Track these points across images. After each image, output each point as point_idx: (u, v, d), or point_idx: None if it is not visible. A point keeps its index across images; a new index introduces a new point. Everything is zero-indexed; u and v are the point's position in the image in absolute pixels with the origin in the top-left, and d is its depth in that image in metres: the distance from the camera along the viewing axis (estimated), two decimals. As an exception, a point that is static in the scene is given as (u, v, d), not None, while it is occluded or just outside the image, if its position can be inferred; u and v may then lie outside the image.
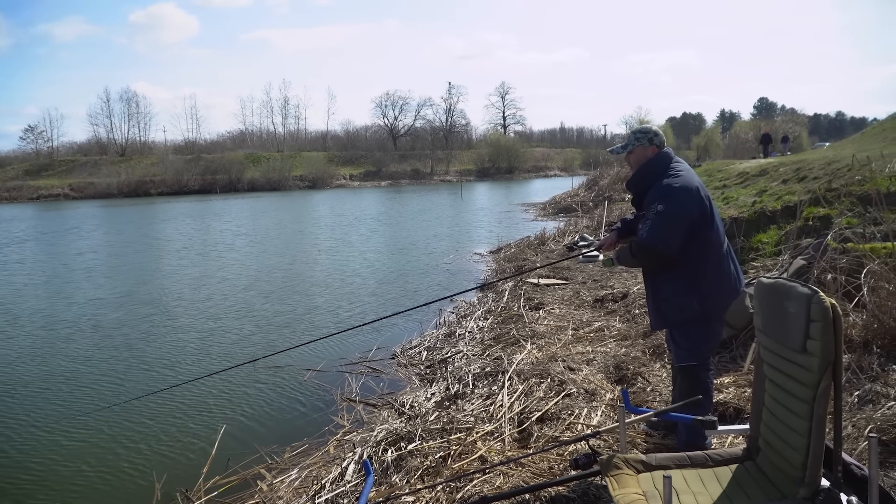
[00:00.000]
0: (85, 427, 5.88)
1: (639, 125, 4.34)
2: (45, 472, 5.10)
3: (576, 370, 5.74)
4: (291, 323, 9.42)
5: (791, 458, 2.46)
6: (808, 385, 2.35)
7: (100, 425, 5.89)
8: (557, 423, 4.69)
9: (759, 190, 11.69)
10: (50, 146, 77.32)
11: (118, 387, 6.95)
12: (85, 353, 8.18)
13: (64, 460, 5.27)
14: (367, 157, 79.82)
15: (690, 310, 3.76)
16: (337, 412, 5.86)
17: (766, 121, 69.04)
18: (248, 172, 67.22)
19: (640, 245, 3.77)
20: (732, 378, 5.08)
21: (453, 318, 8.86)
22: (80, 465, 5.16)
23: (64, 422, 6.01)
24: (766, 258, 7.33)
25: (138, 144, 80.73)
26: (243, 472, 4.76)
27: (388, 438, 4.65)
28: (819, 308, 2.28)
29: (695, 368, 3.85)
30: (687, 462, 2.89)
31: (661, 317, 3.95)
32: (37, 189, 60.00)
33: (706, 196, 3.81)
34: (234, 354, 7.87)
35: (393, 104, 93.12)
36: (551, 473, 3.92)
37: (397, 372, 6.89)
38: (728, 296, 3.88)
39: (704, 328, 3.84)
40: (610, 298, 8.48)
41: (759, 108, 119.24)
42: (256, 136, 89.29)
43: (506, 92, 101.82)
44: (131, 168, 66.26)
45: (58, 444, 5.55)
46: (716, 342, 4.06)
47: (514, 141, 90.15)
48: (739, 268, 4.01)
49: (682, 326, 3.88)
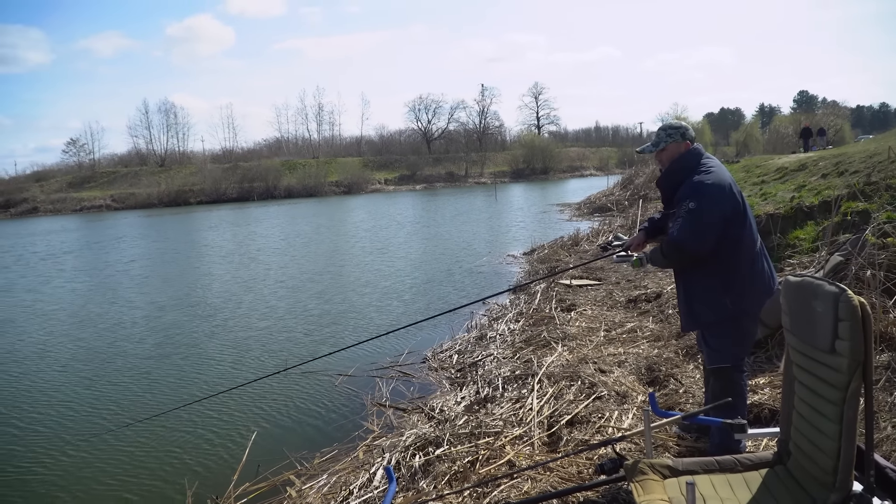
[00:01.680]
0: (120, 435, 5.98)
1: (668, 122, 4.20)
2: (80, 477, 5.21)
3: (607, 372, 5.65)
4: (326, 328, 9.48)
5: (822, 462, 2.38)
6: (838, 386, 2.27)
7: (134, 433, 5.98)
8: (587, 427, 4.62)
9: (798, 185, 11.42)
10: (92, 158, 79.07)
11: (155, 396, 7.07)
12: (127, 363, 8.33)
13: (99, 466, 5.37)
14: (402, 162, 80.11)
15: (723, 310, 3.66)
16: (367, 417, 5.87)
17: (807, 114, 67.46)
18: (285, 179, 67.97)
19: (670, 244, 3.67)
20: (768, 379, 4.95)
21: (485, 321, 8.82)
22: (115, 471, 5.26)
23: (100, 429, 6.13)
24: (802, 255, 7.15)
25: (177, 154, 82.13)
26: (273, 478, 4.79)
27: (417, 443, 4.63)
28: (847, 307, 2.20)
29: (727, 370, 3.75)
30: (715, 467, 2.81)
31: (693, 317, 3.86)
32: (80, 201, 61.43)
33: (738, 193, 3.69)
34: (268, 362, 7.95)
35: (426, 108, 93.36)
36: (580, 478, 3.86)
37: (428, 376, 6.88)
38: (762, 295, 3.75)
39: (737, 329, 3.73)
40: (643, 299, 8.36)
41: (799, 102, 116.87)
42: (292, 144, 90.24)
43: (539, 92, 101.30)
44: (170, 178, 67.42)
45: (93, 451, 5.67)
46: (750, 343, 3.93)
47: (548, 141, 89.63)
48: (773, 266, 3.89)
49: (714, 327, 3.78)
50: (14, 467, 5.46)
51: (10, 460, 5.59)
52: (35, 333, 10.25)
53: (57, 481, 5.17)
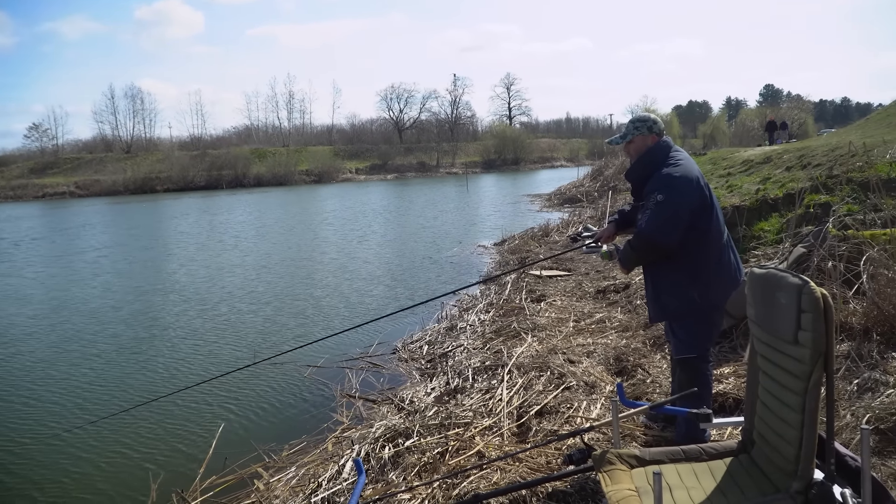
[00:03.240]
0: (83, 430, 5.86)
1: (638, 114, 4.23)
2: (43, 473, 5.10)
3: (576, 363, 5.70)
4: (295, 320, 9.41)
5: (784, 450, 2.42)
6: (801, 376, 2.31)
7: (98, 428, 5.86)
8: (556, 417, 4.66)
9: (763, 177, 11.60)
10: (55, 144, 77.21)
11: (119, 390, 6.95)
12: (89, 357, 8.18)
13: (61, 461, 5.27)
14: (373, 151, 79.77)
15: (690, 301, 3.70)
16: (336, 409, 5.85)
17: (772, 108, 68.44)
18: (254, 168, 67.26)
19: (639, 236, 3.70)
20: (732, 368, 5.04)
21: (455, 312, 8.83)
22: (77, 468, 5.17)
23: (62, 424, 6.02)
24: (767, 246, 7.27)
25: (144, 141, 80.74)
26: (240, 471, 4.75)
27: (386, 435, 4.62)
28: (810, 298, 2.24)
29: (694, 361, 3.80)
30: (681, 456, 2.85)
31: (660, 308, 3.90)
32: (42, 187, 60.13)
33: (706, 185, 3.74)
34: (236, 354, 7.88)
35: (398, 97, 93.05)
36: (549, 468, 3.90)
37: (398, 367, 6.87)
38: (728, 287, 3.82)
39: (704, 320, 3.79)
40: (612, 289, 8.44)
41: (764, 96, 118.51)
42: (262, 132, 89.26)
43: (511, 83, 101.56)
44: (137, 165, 66.27)
45: (55, 446, 5.56)
46: (715, 334, 4.01)
47: (519, 132, 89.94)
48: (739, 258, 3.96)
49: (681, 318, 3.83)
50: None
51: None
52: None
53: (16, 479, 5.06)
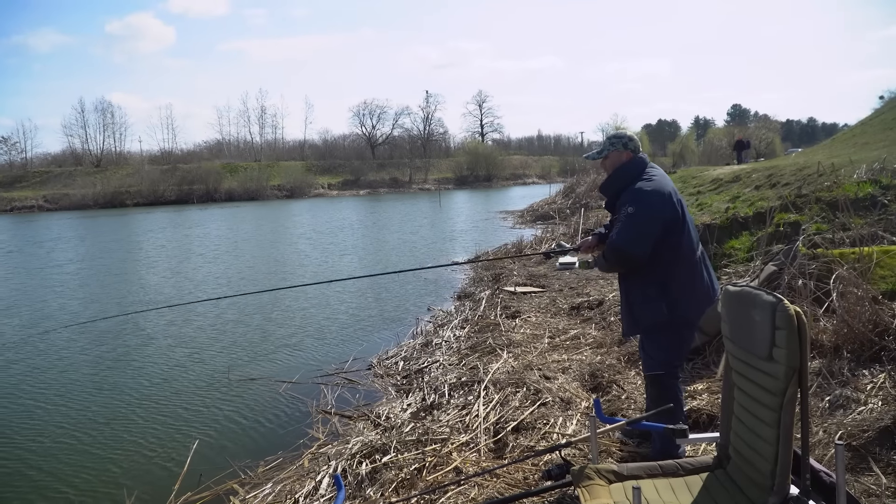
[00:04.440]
0: (55, 446, 5.77)
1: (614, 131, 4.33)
2: (13, 489, 4.99)
3: (551, 379, 5.73)
4: (268, 335, 9.34)
5: (760, 466, 2.47)
6: (775, 392, 2.36)
7: (69, 444, 5.78)
8: (533, 433, 4.68)
9: (733, 196, 11.82)
10: (24, 157, 75.96)
11: (90, 406, 6.83)
12: (59, 371, 8.03)
13: (32, 480, 5.15)
14: (346, 166, 79.62)
15: (659, 315, 3.75)
16: (312, 425, 5.81)
17: (740, 127, 69.84)
18: (226, 182, 66.66)
19: (610, 247, 3.80)
20: (706, 385, 5.10)
21: (430, 328, 8.83)
22: (49, 483, 5.06)
23: (31, 440, 5.90)
24: (738, 264, 7.40)
25: (114, 155, 79.60)
26: (216, 487, 4.69)
27: (363, 451, 4.61)
28: (784, 316, 2.29)
29: (662, 378, 3.86)
30: (658, 471, 2.89)
31: (633, 321, 3.95)
32: (10, 201, 59.01)
33: (679, 201, 3.83)
34: (210, 369, 7.79)
35: (370, 113, 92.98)
36: (526, 484, 3.91)
37: (374, 383, 6.84)
38: (700, 304, 3.87)
39: (673, 336, 3.84)
40: (586, 306, 8.50)
41: (732, 115, 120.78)
42: (233, 146, 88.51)
43: (483, 100, 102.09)
44: (106, 179, 65.36)
45: (25, 464, 5.43)
46: (685, 351, 4.06)
47: (491, 149, 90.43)
48: (714, 276, 4.01)
49: (651, 332, 3.88)
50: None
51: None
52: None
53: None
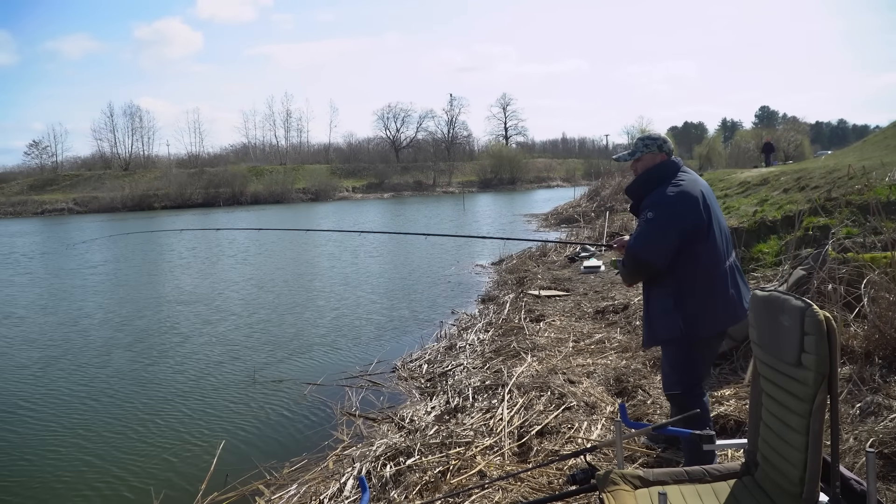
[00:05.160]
0: (84, 445, 5.86)
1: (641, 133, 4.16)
2: (43, 490, 5.07)
3: (576, 383, 5.71)
4: (294, 337, 9.41)
5: (789, 473, 2.44)
6: (804, 399, 2.33)
7: (99, 443, 5.87)
8: (557, 437, 4.67)
9: (761, 199, 11.67)
10: (54, 161, 77.59)
11: (120, 405, 6.93)
12: (90, 371, 8.16)
13: (61, 480, 5.23)
14: (370, 170, 79.99)
15: (675, 330, 3.54)
16: (336, 427, 5.84)
17: (768, 129, 69.11)
18: (251, 185, 67.35)
19: (627, 252, 3.62)
20: (733, 390, 5.05)
21: (454, 331, 8.84)
22: (78, 484, 5.14)
23: (61, 442, 5.99)
24: (766, 268, 7.31)
25: (142, 159, 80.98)
26: (241, 488, 4.74)
27: (387, 453, 4.63)
28: (813, 321, 2.26)
29: (679, 397, 3.66)
30: (685, 477, 2.86)
31: (651, 333, 3.74)
32: (41, 204, 60.20)
33: (708, 207, 3.55)
34: (237, 370, 7.87)
35: (395, 116, 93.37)
36: (550, 488, 3.90)
37: (398, 385, 6.87)
38: (721, 321, 3.61)
39: (690, 352, 3.60)
40: (611, 310, 8.45)
41: (760, 117, 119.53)
42: (259, 150, 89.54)
43: (507, 103, 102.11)
44: (135, 182, 66.43)
45: (55, 464, 5.52)
46: (704, 368, 3.75)
47: (516, 152, 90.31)
48: (746, 291, 3.66)
49: (668, 348, 3.71)
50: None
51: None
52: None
53: (14, 496, 5.03)
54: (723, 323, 3.63)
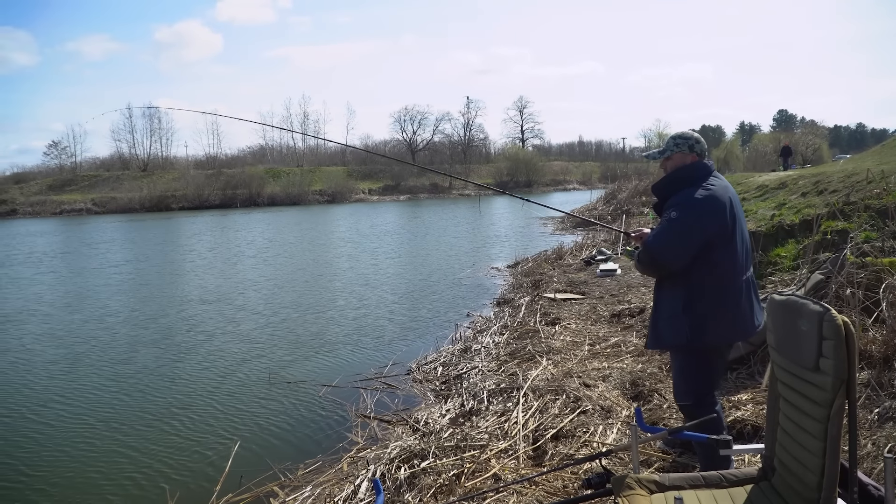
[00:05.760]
0: (99, 444, 5.92)
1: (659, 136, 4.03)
2: (60, 488, 5.13)
3: (591, 386, 5.69)
4: (310, 338, 9.45)
5: (806, 478, 2.42)
6: (822, 404, 2.31)
7: (114, 442, 5.93)
8: (572, 441, 4.65)
9: (779, 203, 11.57)
10: (73, 161, 78.20)
11: (136, 405, 6.99)
12: (107, 371, 8.24)
13: (78, 477, 5.30)
14: (386, 172, 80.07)
15: (681, 336, 3.45)
16: (351, 428, 5.86)
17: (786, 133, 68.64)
18: (269, 187, 67.70)
19: (645, 249, 3.52)
20: (750, 395, 5.01)
21: (469, 334, 8.84)
22: (94, 482, 5.20)
23: (79, 439, 6.06)
24: (784, 273, 7.25)
25: (160, 160, 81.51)
26: (256, 489, 4.77)
27: (402, 456, 4.63)
28: (831, 326, 2.24)
29: (691, 408, 3.56)
30: (701, 482, 2.84)
31: (657, 336, 3.64)
32: (60, 204, 60.79)
33: (733, 217, 3.45)
34: (253, 371, 7.91)
35: (411, 119, 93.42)
36: (565, 492, 3.89)
37: (412, 388, 6.88)
38: (730, 333, 3.52)
39: (698, 362, 3.52)
40: (627, 313, 8.42)
41: (778, 121, 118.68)
42: (276, 151, 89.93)
43: (524, 106, 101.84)
44: (153, 183, 66.93)
45: (72, 461, 5.59)
46: (715, 377, 3.65)
47: (532, 154, 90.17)
48: (759, 308, 3.53)
49: (675, 354, 3.64)
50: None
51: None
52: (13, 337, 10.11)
53: (28, 496, 5.08)
54: (730, 336, 3.56)
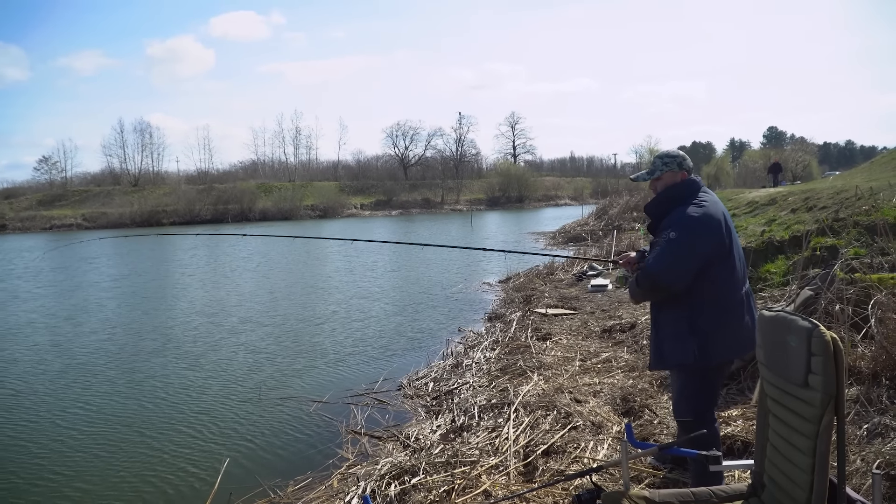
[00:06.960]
0: (86, 460, 5.87)
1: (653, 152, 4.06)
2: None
3: (582, 402, 5.68)
4: (299, 354, 9.41)
5: (795, 494, 2.42)
6: (811, 420, 2.32)
7: (101, 461, 5.87)
8: (563, 457, 4.64)
9: (769, 219, 11.65)
10: (63, 177, 77.90)
11: (123, 423, 6.93)
12: (94, 387, 8.17)
13: (64, 493, 5.24)
14: (378, 187, 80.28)
15: (689, 356, 3.45)
16: (341, 445, 5.82)
17: (776, 150, 69.18)
18: (260, 202, 67.70)
19: (644, 273, 3.50)
20: (740, 411, 5.02)
21: (460, 349, 8.82)
22: (80, 500, 5.13)
23: (66, 455, 6.01)
24: (773, 288, 7.28)
25: (151, 175, 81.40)
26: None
27: (392, 472, 4.62)
28: (820, 342, 2.25)
29: (691, 423, 3.56)
30: (691, 499, 2.84)
31: (660, 357, 3.66)
32: (50, 219, 60.48)
33: (729, 231, 3.49)
34: (241, 388, 7.87)
35: (404, 134, 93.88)
36: (556, 508, 3.87)
37: (403, 403, 6.85)
38: (736, 349, 3.55)
39: (702, 380, 3.54)
40: (618, 329, 8.43)
41: (768, 138, 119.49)
42: (268, 166, 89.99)
43: (516, 122, 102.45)
44: (144, 198, 66.76)
45: (57, 476, 5.54)
46: (715, 396, 3.70)
47: (524, 170, 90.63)
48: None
49: (679, 374, 3.64)
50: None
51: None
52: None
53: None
54: (735, 350, 3.57)
